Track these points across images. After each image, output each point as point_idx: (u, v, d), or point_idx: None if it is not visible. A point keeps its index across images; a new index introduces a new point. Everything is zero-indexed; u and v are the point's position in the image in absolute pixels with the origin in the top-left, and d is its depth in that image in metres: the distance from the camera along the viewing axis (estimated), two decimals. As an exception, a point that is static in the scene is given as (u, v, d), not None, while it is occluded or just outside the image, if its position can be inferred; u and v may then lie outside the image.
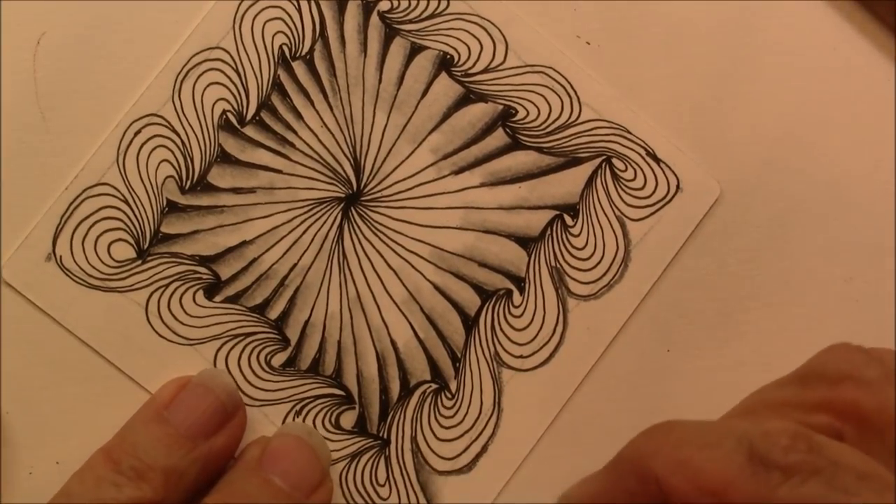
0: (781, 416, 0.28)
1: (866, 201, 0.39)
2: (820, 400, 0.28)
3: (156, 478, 0.33)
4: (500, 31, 0.39)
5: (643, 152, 0.39)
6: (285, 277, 0.38)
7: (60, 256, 0.37)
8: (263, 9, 0.38)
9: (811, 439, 0.27)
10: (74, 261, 0.37)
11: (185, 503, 0.34)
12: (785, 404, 0.29)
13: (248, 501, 0.34)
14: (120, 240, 0.37)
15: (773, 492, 0.26)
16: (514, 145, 0.39)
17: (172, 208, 0.38)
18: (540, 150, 0.39)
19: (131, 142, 0.38)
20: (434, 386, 0.38)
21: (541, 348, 0.38)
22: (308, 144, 0.38)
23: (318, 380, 0.38)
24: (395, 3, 0.39)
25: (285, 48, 0.38)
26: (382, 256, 0.38)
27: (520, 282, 0.39)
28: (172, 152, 0.38)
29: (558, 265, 0.39)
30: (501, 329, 0.38)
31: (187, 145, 0.38)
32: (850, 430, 0.28)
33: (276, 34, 0.38)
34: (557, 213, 0.39)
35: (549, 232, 0.39)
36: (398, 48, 0.39)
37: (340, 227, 0.38)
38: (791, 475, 0.26)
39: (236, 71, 0.38)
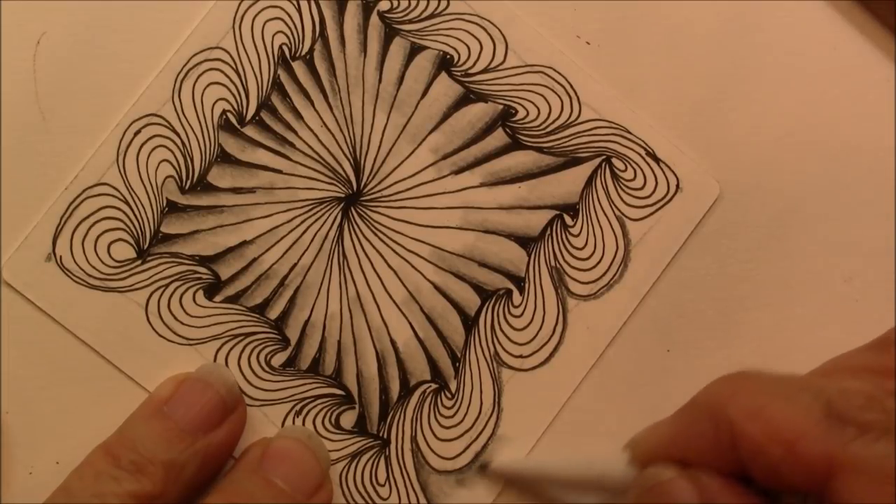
0: (858, 379, 0.29)
1: (866, 201, 0.39)
2: None
3: (156, 471, 0.33)
4: (499, 31, 0.39)
5: (643, 152, 0.39)
6: (285, 277, 0.38)
7: (60, 256, 0.37)
8: (263, 9, 0.38)
9: (886, 400, 0.27)
10: (74, 261, 0.37)
11: (184, 497, 0.34)
12: (862, 368, 0.29)
13: (251, 501, 0.34)
14: (120, 240, 0.37)
15: (846, 446, 0.27)
16: (514, 145, 0.39)
17: (172, 208, 0.38)
18: (540, 149, 0.39)
19: (131, 142, 0.38)
20: (434, 386, 0.38)
21: (540, 348, 0.38)
22: (308, 144, 0.38)
23: (318, 380, 0.38)
24: (395, 3, 0.39)
25: (285, 48, 0.38)
26: (382, 256, 0.38)
27: (519, 282, 0.39)
28: (172, 152, 0.38)
29: (558, 265, 0.39)
30: (501, 329, 0.38)
31: (187, 145, 0.38)
32: None
33: (276, 34, 0.38)
34: (557, 212, 0.39)
35: (548, 232, 0.39)
36: (398, 48, 0.39)
37: (340, 226, 0.38)
38: (865, 433, 0.27)
39: (236, 71, 0.38)
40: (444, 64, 0.39)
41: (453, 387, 0.38)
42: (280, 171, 0.38)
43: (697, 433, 0.31)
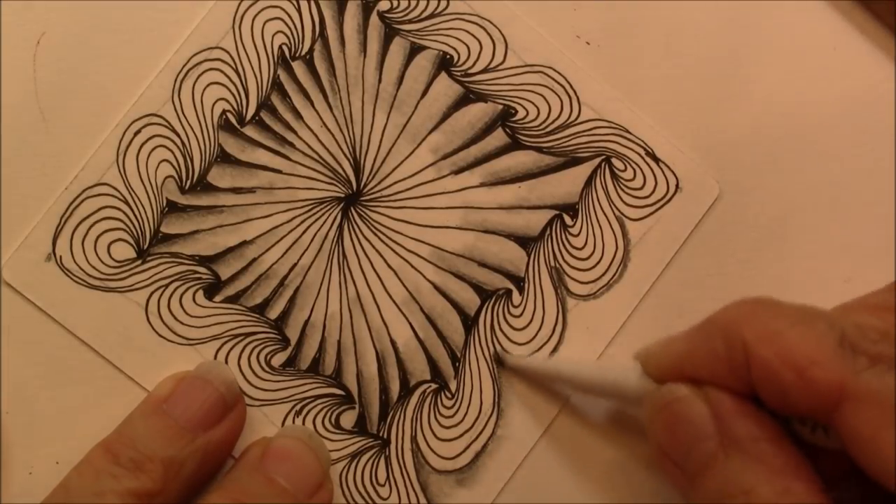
0: (874, 316, 0.29)
1: (866, 201, 0.39)
2: None
3: (155, 469, 0.33)
4: (499, 30, 0.39)
5: (642, 152, 0.39)
6: (285, 277, 0.38)
7: (60, 256, 0.37)
8: (263, 9, 0.38)
9: None
10: (74, 261, 0.37)
11: (184, 494, 0.34)
12: (879, 307, 0.30)
13: (253, 498, 0.34)
14: (120, 240, 0.37)
15: (857, 375, 0.27)
16: (514, 145, 0.39)
17: (172, 208, 0.38)
18: (539, 149, 0.39)
19: (131, 142, 0.38)
20: (434, 386, 0.38)
21: (540, 348, 0.38)
22: (308, 144, 0.38)
23: (318, 380, 0.38)
24: (395, 3, 0.39)
25: (285, 48, 0.38)
26: (382, 256, 0.38)
27: (519, 281, 0.39)
28: (172, 152, 0.38)
29: (558, 265, 0.39)
30: (501, 329, 0.38)
31: (187, 145, 0.38)
32: None
33: (275, 34, 0.38)
34: (557, 212, 0.39)
35: (548, 232, 0.39)
36: (398, 48, 0.39)
37: (340, 226, 0.38)
38: (876, 363, 0.27)
39: (236, 71, 0.38)
40: (444, 64, 0.39)
41: (453, 387, 0.38)
42: (280, 171, 0.38)
43: (711, 352, 0.31)
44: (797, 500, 0.29)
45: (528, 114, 0.39)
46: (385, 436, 0.38)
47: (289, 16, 0.38)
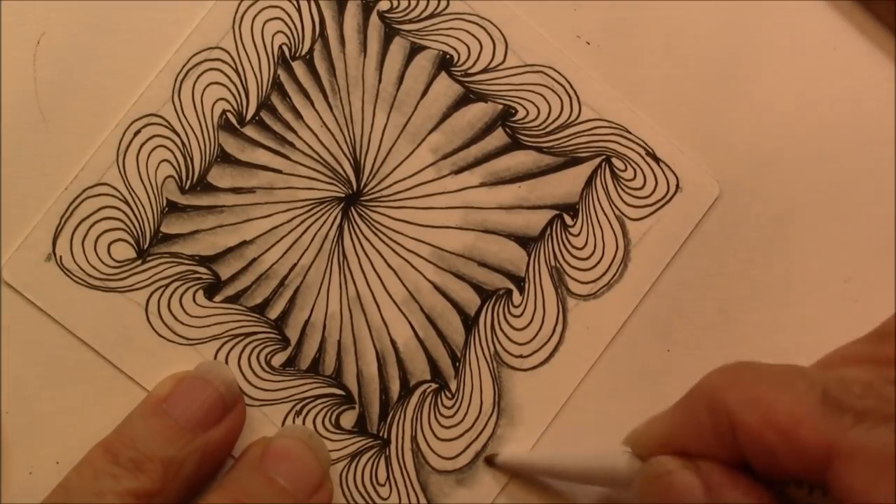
0: (856, 368, 0.29)
1: (866, 201, 0.39)
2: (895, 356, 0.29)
3: (154, 468, 0.33)
4: (499, 30, 0.39)
5: (643, 152, 0.39)
6: (285, 277, 0.38)
7: (60, 256, 0.37)
8: (263, 9, 0.38)
9: (885, 388, 0.27)
10: (74, 261, 0.37)
11: (183, 494, 0.34)
12: (861, 358, 0.29)
13: (252, 498, 0.34)
14: (120, 240, 0.37)
15: (844, 433, 0.27)
16: (514, 145, 0.39)
17: (172, 208, 0.38)
18: (540, 149, 0.39)
19: (131, 142, 0.38)
20: (434, 385, 0.38)
21: (540, 348, 0.38)
22: (308, 144, 0.38)
23: (318, 379, 0.38)
24: (395, 3, 0.39)
25: (285, 48, 0.38)
26: (382, 256, 0.38)
27: (519, 281, 0.39)
28: (172, 152, 0.38)
29: (558, 265, 0.39)
30: (501, 329, 0.38)
31: (187, 145, 0.38)
32: None
33: (275, 34, 0.38)
34: (557, 212, 0.39)
35: (548, 231, 0.39)
36: (398, 48, 0.39)
37: (340, 226, 0.38)
38: (862, 420, 0.27)
39: (236, 71, 0.38)
40: (444, 64, 0.39)
41: (453, 387, 0.38)
42: (280, 171, 0.38)
43: (696, 424, 0.31)
44: None
45: (528, 114, 0.39)
46: (385, 436, 0.38)
47: (289, 16, 0.38)
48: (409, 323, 0.38)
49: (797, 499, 0.30)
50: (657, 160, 0.39)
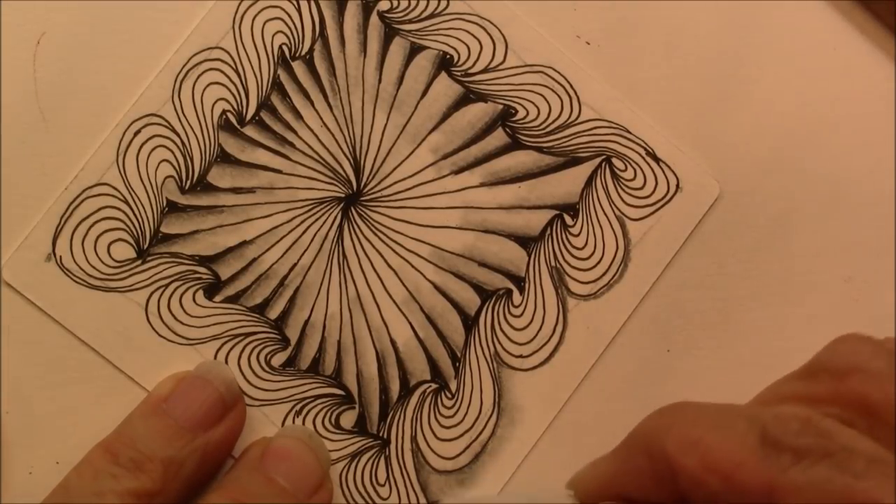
0: (793, 405, 0.29)
1: (866, 201, 0.39)
2: (828, 392, 0.28)
3: (155, 468, 0.33)
4: (499, 30, 0.39)
5: (643, 152, 0.39)
6: (285, 277, 0.38)
7: (60, 256, 0.37)
8: (263, 9, 0.38)
9: (822, 424, 0.27)
10: (74, 261, 0.37)
11: (184, 494, 0.34)
12: (795, 397, 0.29)
13: (252, 498, 0.34)
14: (120, 240, 0.37)
15: (784, 473, 0.26)
16: (514, 145, 0.39)
17: (172, 208, 0.38)
18: (540, 149, 0.39)
19: (131, 142, 0.38)
20: (434, 386, 0.38)
21: (540, 348, 0.38)
22: (308, 144, 0.38)
23: (318, 379, 0.38)
24: (395, 3, 0.39)
25: (285, 48, 0.38)
26: (382, 256, 0.38)
27: (520, 281, 0.39)
28: (172, 152, 0.38)
29: (558, 265, 0.39)
30: (501, 329, 0.38)
31: (187, 145, 0.38)
32: (859, 421, 0.28)
33: (275, 34, 0.38)
34: (557, 212, 0.39)
35: (548, 231, 0.39)
36: (398, 48, 0.39)
37: (340, 226, 0.38)
38: (802, 458, 0.26)
39: (236, 71, 0.38)
40: (444, 64, 0.39)
41: (453, 387, 0.38)
42: (280, 171, 0.38)
43: (636, 469, 0.30)
44: None
45: (528, 114, 0.39)
46: (385, 436, 0.38)
47: (289, 16, 0.38)
48: (409, 323, 0.38)
49: None
50: (657, 160, 0.39)
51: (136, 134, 0.38)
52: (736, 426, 0.28)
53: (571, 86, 0.39)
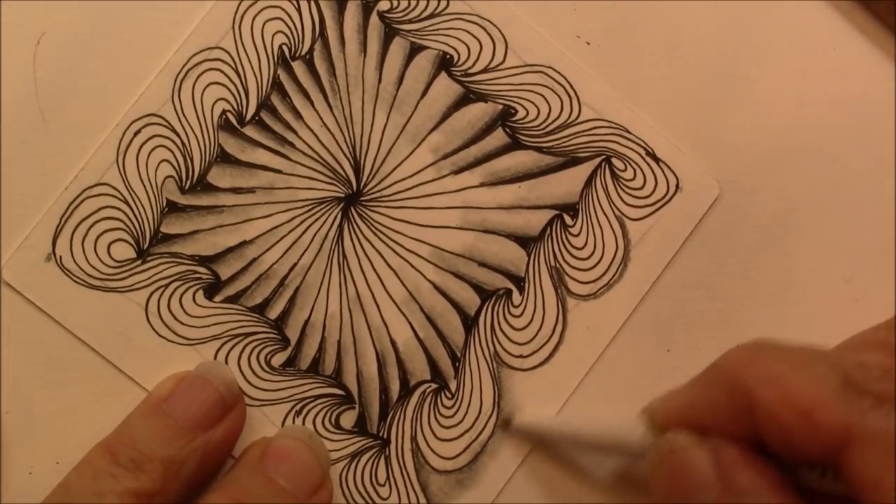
0: (877, 353, 0.29)
1: (866, 201, 0.39)
2: None
3: (155, 468, 0.33)
4: (499, 30, 0.39)
5: (643, 152, 0.39)
6: (285, 277, 0.38)
7: (60, 256, 0.37)
8: (263, 9, 0.38)
9: None
10: (74, 261, 0.37)
11: (184, 494, 0.34)
12: (879, 345, 0.29)
13: (252, 498, 0.34)
14: (120, 240, 0.37)
15: (862, 417, 0.27)
16: (514, 145, 0.39)
17: (172, 208, 0.38)
18: (539, 149, 0.39)
19: (131, 142, 0.38)
20: (434, 385, 0.38)
21: (540, 348, 0.38)
22: (308, 144, 0.38)
23: (318, 379, 0.38)
24: (395, 3, 0.39)
25: (285, 48, 0.38)
26: (382, 256, 0.38)
27: (519, 281, 0.39)
28: (172, 152, 0.38)
29: (558, 265, 0.39)
30: (501, 329, 0.38)
31: (187, 145, 0.38)
32: None
33: (275, 34, 0.38)
34: (557, 212, 0.39)
35: (548, 231, 0.39)
36: (398, 48, 0.39)
37: (340, 226, 0.38)
38: (882, 403, 0.27)
39: (236, 71, 0.38)
40: (444, 64, 0.39)
41: (453, 387, 0.38)
42: (280, 171, 0.38)
43: (714, 400, 0.30)
44: None
45: (528, 114, 0.39)
46: (385, 436, 0.38)
47: (289, 16, 0.38)
48: (409, 323, 0.38)
49: (809, 482, 0.30)
50: (657, 160, 0.39)
51: (136, 134, 0.38)
52: (818, 367, 0.28)
53: (571, 86, 0.39)
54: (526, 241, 0.39)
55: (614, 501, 0.38)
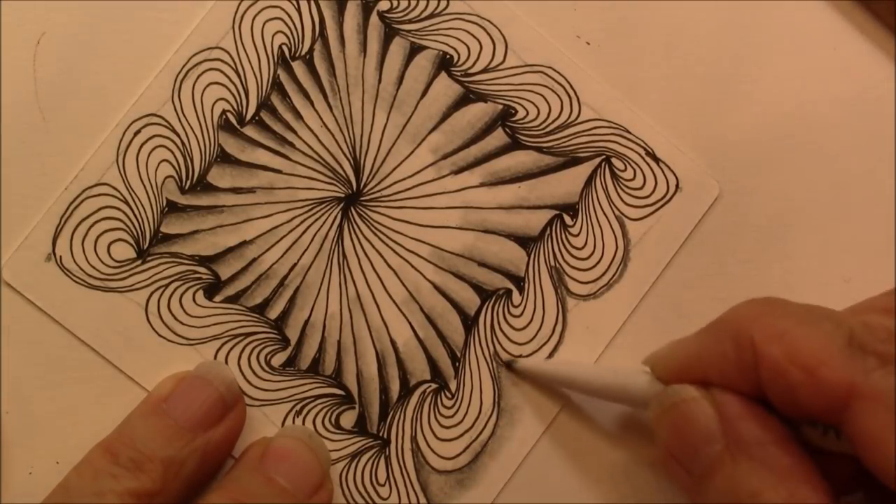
0: (883, 316, 0.29)
1: (866, 201, 0.39)
2: None
3: (155, 468, 0.33)
4: (499, 30, 0.39)
5: (642, 152, 0.39)
6: (285, 277, 0.38)
7: (60, 257, 0.37)
8: (263, 9, 0.38)
9: None
10: (74, 261, 0.37)
11: (184, 494, 0.34)
12: (888, 308, 0.30)
13: (252, 498, 0.34)
14: (120, 240, 0.37)
15: (867, 376, 0.27)
16: (514, 145, 0.39)
17: (172, 208, 0.38)
18: (539, 149, 0.39)
19: (131, 142, 0.38)
20: (434, 385, 0.38)
21: (540, 348, 0.38)
22: (308, 144, 0.38)
23: (318, 379, 0.38)
24: (395, 3, 0.39)
25: (285, 48, 0.38)
26: (382, 256, 0.38)
27: (519, 281, 0.39)
28: (172, 152, 0.38)
29: (558, 265, 0.39)
30: (501, 328, 0.38)
31: (187, 145, 0.38)
32: None
33: (275, 34, 0.38)
34: (557, 212, 0.39)
35: (548, 231, 0.39)
36: (398, 48, 0.39)
37: (340, 226, 0.38)
38: (886, 364, 0.27)
39: (236, 71, 0.38)
40: (444, 64, 0.39)
41: (453, 387, 0.38)
42: (280, 171, 0.38)
43: (720, 353, 0.31)
44: None
45: (528, 114, 0.39)
46: (385, 436, 0.38)
47: (289, 16, 0.38)
48: (409, 323, 0.38)
49: (811, 439, 0.30)
50: (657, 160, 0.39)
51: (136, 134, 0.38)
52: (824, 325, 0.29)
53: (571, 86, 0.39)
54: (526, 241, 0.39)
55: (615, 488, 0.38)
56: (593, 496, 0.38)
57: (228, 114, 0.38)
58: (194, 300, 0.38)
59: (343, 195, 0.38)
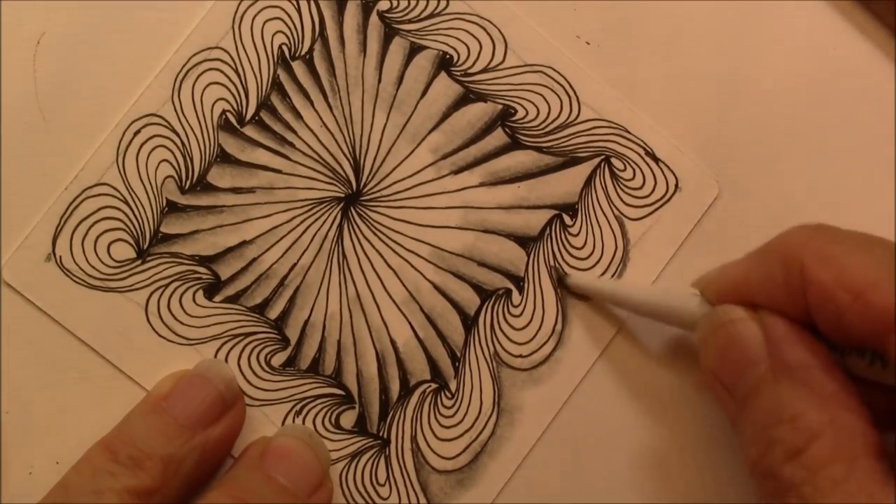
0: None
1: (866, 201, 0.39)
2: None
3: (154, 466, 0.33)
4: (499, 30, 0.39)
5: (642, 152, 0.39)
6: (285, 277, 0.38)
7: (60, 257, 0.37)
8: (263, 9, 0.38)
9: None
10: (74, 261, 0.37)
11: (183, 492, 0.34)
12: None
13: (252, 496, 0.34)
14: (120, 240, 0.37)
15: None
16: (514, 145, 0.39)
17: (172, 208, 0.38)
18: (539, 149, 0.39)
19: (131, 142, 0.38)
20: (434, 385, 0.38)
21: (540, 348, 0.38)
22: (308, 144, 0.38)
23: (318, 379, 0.38)
24: (395, 3, 0.39)
25: (285, 48, 0.38)
26: (382, 256, 0.38)
27: (519, 281, 0.39)
28: (172, 152, 0.38)
29: (557, 264, 0.39)
30: (501, 328, 0.38)
31: (187, 145, 0.38)
32: None
33: (275, 34, 0.38)
34: (556, 212, 0.39)
35: (548, 231, 0.39)
36: (397, 48, 0.39)
37: (340, 226, 0.38)
38: None
39: (236, 71, 0.38)
40: (444, 64, 0.39)
41: (453, 386, 0.38)
42: (280, 171, 0.38)
43: (769, 276, 0.31)
44: (844, 429, 0.28)
45: (527, 114, 0.39)
46: (385, 436, 0.38)
47: (288, 16, 0.38)
48: (409, 323, 0.38)
49: (857, 368, 0.30)
50: (656, 160, 0.39)
51: (135, 134, 0.38)
52: (875, 251, 0.29)
53: (571, 86, 0.39)
54: (525, 241, 0.39)
55: (615, 488, 0.38)
56: (594, 496, 0.38)
57: (228, 114, 0.38)
58: (194, 300, 0.38)
59: (343, 195, 0.38)
